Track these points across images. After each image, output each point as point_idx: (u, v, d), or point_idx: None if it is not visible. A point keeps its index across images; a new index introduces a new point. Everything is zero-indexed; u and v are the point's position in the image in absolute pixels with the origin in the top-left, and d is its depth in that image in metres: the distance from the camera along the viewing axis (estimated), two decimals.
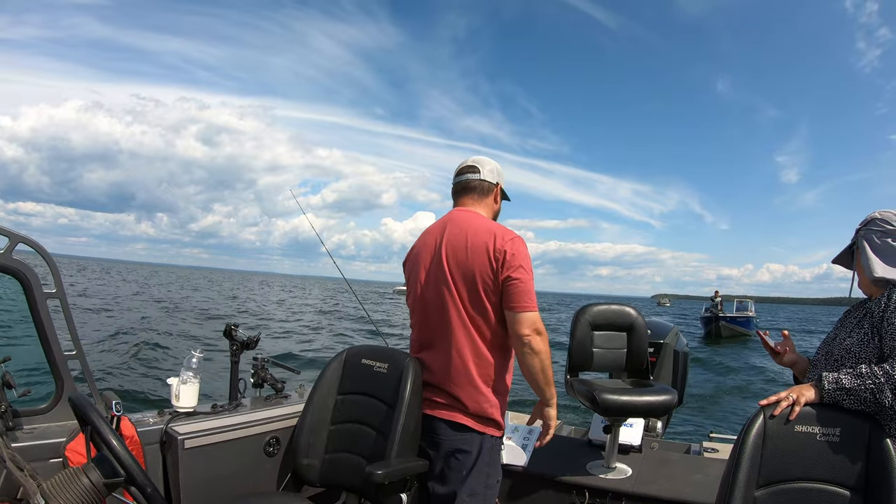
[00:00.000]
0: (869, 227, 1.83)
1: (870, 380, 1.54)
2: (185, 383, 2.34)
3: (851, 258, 1.91)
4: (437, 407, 2.07)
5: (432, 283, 2.08)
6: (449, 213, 2.21)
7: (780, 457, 1.57)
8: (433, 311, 2.09)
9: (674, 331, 3.91)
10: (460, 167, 2.25)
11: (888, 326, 1.59)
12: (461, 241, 2.04)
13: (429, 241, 2.14)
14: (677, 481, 2.80)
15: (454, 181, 2.25)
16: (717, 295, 27.59)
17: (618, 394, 2.78)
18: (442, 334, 2.07)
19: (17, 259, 1.92)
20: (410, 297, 2.21)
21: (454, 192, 2.24)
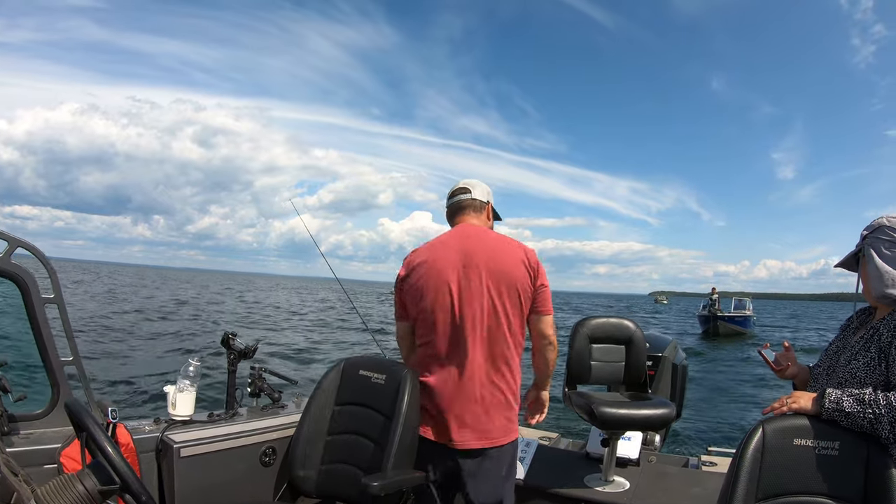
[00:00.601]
0: (876, 234, 1.73)
1: (870, 409, 1.52)
2: (182, 391, 2.33)
3: (856, 263, 1.83)
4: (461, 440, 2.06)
5: (468, 297, 2.06)
6: (457, 228, 2.22)
7: (778, 470, 1.56)
8: (469, 325, 2.06)
9: (672, 344, 3.91)
10: (452, 190, 2.31)
11: (889, 350, 1.57)
12: (493, 254, 2.10)
13: (450, 255, 2.10)
14: (675, 495, 2.79)
15: (448, 203, 2.30)
16: (714, 292, 27.68)
17: (616, 407, 2.77)
18: (475, 348, 2.07)
19: (15, 263, 1.92)
20: (435, 313, 2.07)
21: (450, 213, 2.30)
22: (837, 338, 1.88)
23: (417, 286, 2.11)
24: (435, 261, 2.11)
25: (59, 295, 2.03)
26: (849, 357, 1.70)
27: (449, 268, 2.09)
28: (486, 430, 2.06)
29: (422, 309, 2.11)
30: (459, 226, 2.23)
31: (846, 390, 1.60)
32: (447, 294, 2.08)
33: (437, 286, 2.08)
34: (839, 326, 1.94)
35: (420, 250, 2.17)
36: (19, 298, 1.96)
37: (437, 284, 2.09)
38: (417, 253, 2.17)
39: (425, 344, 2.14)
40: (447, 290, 2.08)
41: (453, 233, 2.21)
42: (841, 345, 1.82)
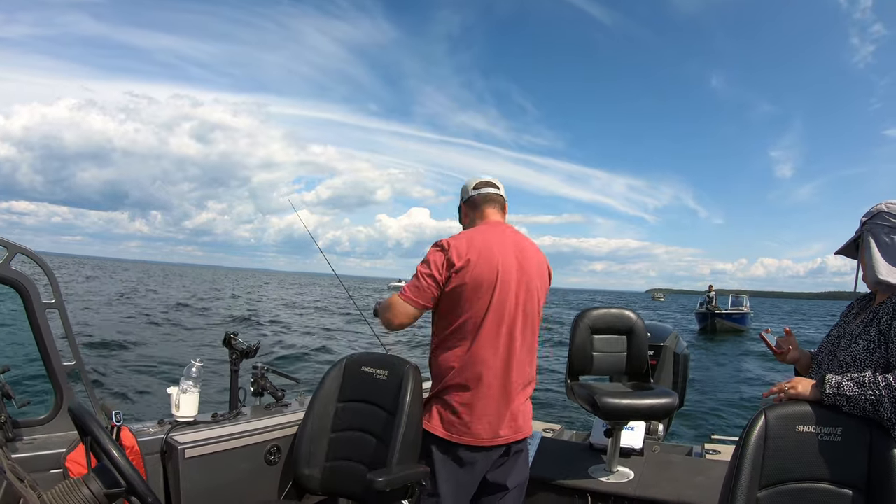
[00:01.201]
0: (875, 220, 1.74)
1: (871, 390, 1.52)
2: (185, 392, 2.33)
3: (856, 250, 1.84)
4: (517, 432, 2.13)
5: (519, 302, 2.10)
6: (506, 227, 2.22)
7: (782, 457, 1.57)
8: (518, 328, 2.09)
9: (674, 334, 3.92)
10: (482, 181, 2.28)
11: (889, 334, 1.58)
12: (534, 260, 2.18)
13: (509, 257, 2.09)
14: (679, 484, 2.80)
15: (478, 192, 2.25)
16: (712, 289, 27.78)
17: (619, 397, 2.78)
18: (520, 355, 2.11)
19: (15, 270, 1.92)
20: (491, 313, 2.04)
21: (477, 202, 2.25)
22: (838, 323, 1.89)
23: (477, 281, 2.03)
24: (496, 259, 2.06)
25: (59, 300, 2.03)
26: (849, 341, 1.71)
27: (511, 269, 2.08)
28: (527, 421, 2.18)
29: (479, 305, 2.04)
30: (506, 226, 2.24)
31: (846, 375, 1.61)
32: (509, 294, 2.07)
33: (504, 285, 2.06)
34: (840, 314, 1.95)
35: (474, 243, 2.07)
36: (20, 305, 1.96)
37: (503, 283, 2.06)
38: (471, 244, 2.06)
39: (468, 340, 2.05)
40: (509, 290, 2.07)
41: (506, 232, 2.18)
42: (842, 329, 1.83)
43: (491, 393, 2.05)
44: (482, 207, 2.25)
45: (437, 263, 2.03)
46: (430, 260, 2.05)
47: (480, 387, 2.04)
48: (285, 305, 32.47)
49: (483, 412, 2.04)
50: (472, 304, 2.03)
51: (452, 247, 2.04)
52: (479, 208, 2.25)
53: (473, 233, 2.13)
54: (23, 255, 1.93)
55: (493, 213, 2.25)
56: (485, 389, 2.04)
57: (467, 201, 2.28)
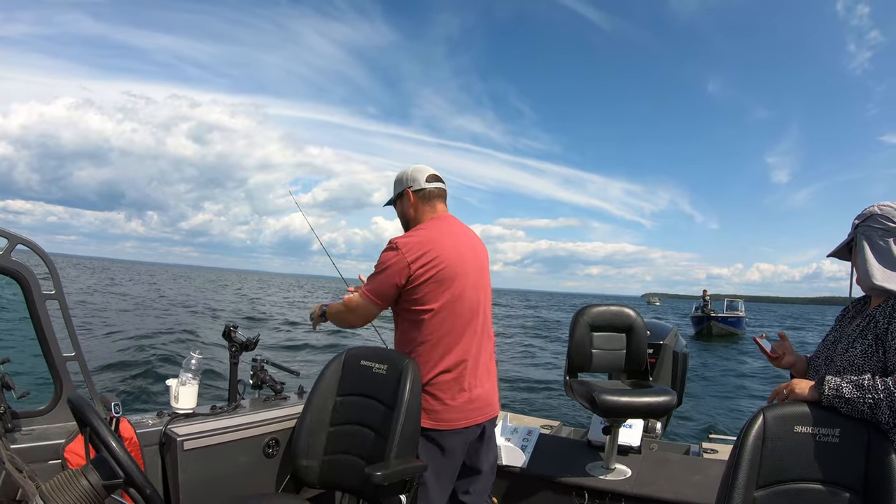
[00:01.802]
0: (868, 223, 1.72)
1: (870, 394, 1.52)
2: (184, 385, 2.34)
3: (849, 252, 1.83)
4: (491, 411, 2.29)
5: (479, 291, 2.26)
6: (452, 218, 2.33)
7: (779, 457, 1.57)
8: (479, 318, 2.25)
9: (673, 332, 3.92)
10: (432, 174, 2.34)
11: (892, 340, 1.57)
12: (483, 251, 2.36)
13: (464, 249, 2.22)
14: (677, 482, 2.80)
15: (431, 187, 2.31)
16: (706, 294, 27.91)
17: (617, 395, 2.78)
18: (482, 340, 2.28)
19: (16, 260, 1.92)
20: (459, 306, 2.17)
21: (431, 196, 2.31)
22: (834, 328, 1.88)
23: (441, 276, 2.13)
24: (454, 252, 2.17)
25: (59, 291, 2.03)
26: (846, 345, 1.70)
27: (468, 260, 2.22)
28: (497, 401, 2.34)
29: (448, 298, 2.15)
30: (453, 218, 2.34)
31: (845, 377, 1.60)
32: (470, 285, 2.21)
33: (464, 277, 2.19)
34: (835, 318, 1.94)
35: (431, 240, 2.16)
36: (21, 295, 1.96)
37: (463, 275, 2.18)
38: (427, 241, 2.15)
39: (447, 333, 2.16)
40: (470, 281, 2.21)
41: (457, 225, 2.31)
42: (838, 334, 1.82)
43: (465, 378, 2.18)
44: (434, 202, 2.32)
45: (399, 265, 2.11)
46: (388, 262, 2.13)
47: (457, 373, 2.17)
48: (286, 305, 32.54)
49: (461, 397, 2.17)
50: (439, 298, 2.13)
51: (410, 246, 2.12)
52: (430, 202, 2.31)
53: (433, 229, 2.22)
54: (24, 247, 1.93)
55: (443, 207, 2.35)
56: (460, 375, 2.17)
57: (419, 192, 2.30)
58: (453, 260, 2.15)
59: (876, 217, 1.70)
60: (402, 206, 2.35)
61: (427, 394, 2.15)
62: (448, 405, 2.15)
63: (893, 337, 1.57)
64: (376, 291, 2.16)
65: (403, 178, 2.33)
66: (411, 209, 2.31)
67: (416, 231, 2.23)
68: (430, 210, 2.31)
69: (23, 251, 1.93)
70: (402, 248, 2.12)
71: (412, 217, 2.32)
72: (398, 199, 2.36)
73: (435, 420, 2.15)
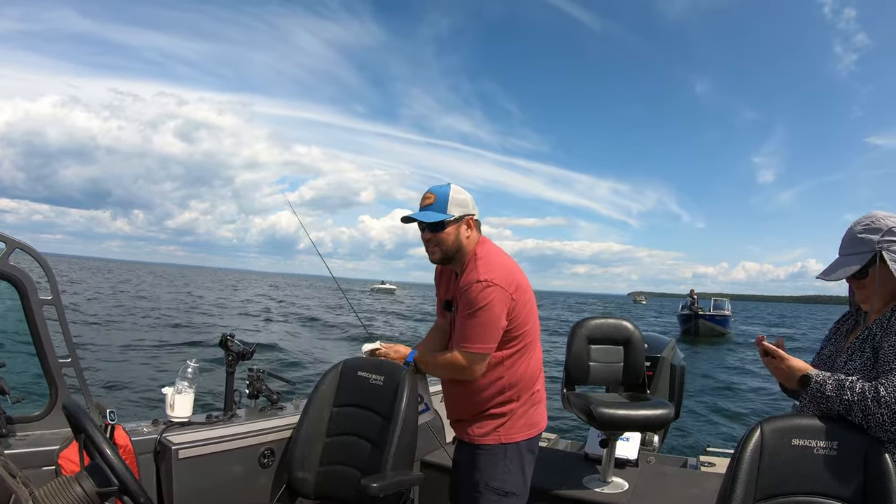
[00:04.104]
0: (888, 237, 1.65)
1: (846, 394, 1.55)
2: (180, 393, 2.32)
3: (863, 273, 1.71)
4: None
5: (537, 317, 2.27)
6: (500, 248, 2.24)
7: (777, 470, 1.57)
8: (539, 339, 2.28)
9: (671, 345, 3.92)
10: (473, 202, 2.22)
11: (884, 347, 1.58)
12: None
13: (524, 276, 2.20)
14: (674, 496, 2.79)
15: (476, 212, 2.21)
16: (693, 293, 28.03)
17: (614, 408, 2.78)
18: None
19: (13, 265, 1.92)
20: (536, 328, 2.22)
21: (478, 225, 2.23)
22: (829, 341, 1.88)
23: (529, 304, 2.16)
24: (524, 279, 2.18)
25: (56, 296, 2.02)
26: (845, 359, 1.71)
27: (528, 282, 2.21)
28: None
29: (532, 325, 2.18)
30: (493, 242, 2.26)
31: (836, 375, 1.62)
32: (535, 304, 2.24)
33: (533, 300, 2.21)
34: (829, 329, 1.93)
35: (514, 271, 2.13)
36: (17, 300, 1.96)
37: (533, 299, 2.20)
38: (515, 273, 2.12)
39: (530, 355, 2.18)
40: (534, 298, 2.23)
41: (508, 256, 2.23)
42: (834, 349, 1.82)
43: (542, 391, 2.26)
44: (479, 228, 2.23)
45: (502, 305, 2.03)
46: (494, 303, 2.02)
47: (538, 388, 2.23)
48: (278, 311, 32.58)
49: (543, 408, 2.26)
50: (526, 324, 2.13)
51: (506, 283, 2.05)
52: (479, 230, 2.23)
53: (497, 256, 2.16)
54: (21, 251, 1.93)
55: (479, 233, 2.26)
56: (540, 390, 2.24)
57: (477, 221, 2.21)
58: (528, 287, 2.18)
59: (894, 230, 1.65)
60: (458, 231, 2.14)
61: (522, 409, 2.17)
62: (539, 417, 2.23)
63: (885, 344, 1.58)
64: (484, 336, 2.04)
65: (469, 202, 2.17)
66: (466, 235, 2.15)
67: (488, 262, 2.10)
68: (477, 236, 2.21)
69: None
70: (502, 283, 2.03)
71: (465, 244, 2.16)
72: (456, 222, 2.13)
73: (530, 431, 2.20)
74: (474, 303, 2.01)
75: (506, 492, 2.09)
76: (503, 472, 2.10)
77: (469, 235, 2.16)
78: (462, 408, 2.22)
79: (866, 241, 1.69)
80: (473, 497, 2.13)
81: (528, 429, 2.16)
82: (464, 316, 2.05)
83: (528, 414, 2.17)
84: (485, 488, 2.10)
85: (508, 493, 2.10)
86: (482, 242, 2.20)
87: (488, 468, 2.11)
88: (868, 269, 1.69)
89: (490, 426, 2.14)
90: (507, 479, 2.10)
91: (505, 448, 2.12)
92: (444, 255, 2.16)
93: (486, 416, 2.15)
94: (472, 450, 2.16)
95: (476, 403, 2.16)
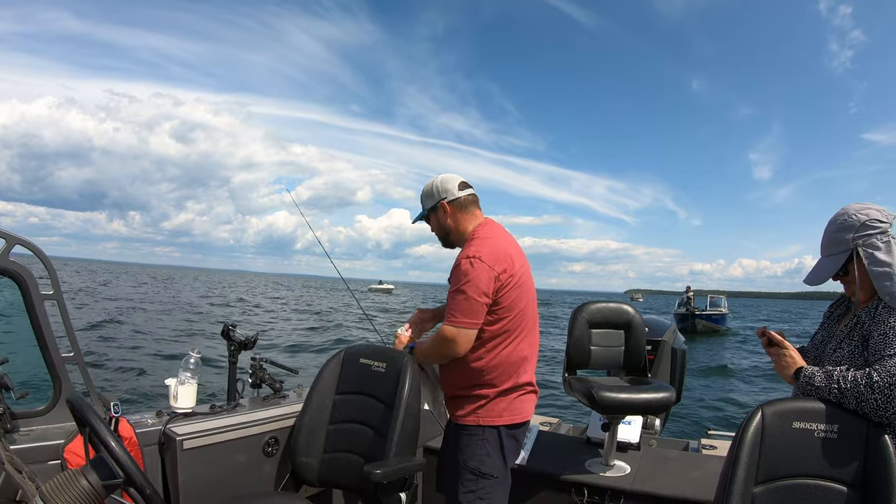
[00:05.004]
0: (861, 231, 1.69)
1: (835, 385, 1.57)
2: (183, 384, 2.33)
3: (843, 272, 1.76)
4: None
5: (534, 302, 2.28)
6: (496, 222, 2.30)
7: (778, 453, 1.58)
8: (535, 326, 2.29)
9: (672, 328, 3.92)
10: (462, 181, 2.29)
11: (873, 335, 1.61)
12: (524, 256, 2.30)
13: (523, 259, 2.23)
14: (676, 479, 2.81)
15: (468, 193, 2.28)
16: (689, 290, 28.01)
17: (616, 391, 2.78)
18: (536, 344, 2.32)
19: (14, 261, 1.91)
20: (527, 322, 2.20)
21: (471, 202, 2.28)
22: (822, 326, 1.91)
23: (520, 287, 2.16)
24: (523, 262, 2.22)
25: (58, 291, 2.02)
26: (835, 346, 1.74)
27: (525, 264, 2.24)
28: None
29: (521, 313, 2.17)
30: (498, 223, 2.30)
31: (825, 367, 1.66)
32: (533, 289, 2.26)
33: (530, 284, 2.24)
34: (823, 314, 1.95)
35: (508, 252, 2.15)
36: (19, 296, 1.96)
37: (529, 282, 2.23)
38: (509, 255, 2.14)
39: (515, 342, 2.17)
40: (532, 283, 2.26)
41: (502, 228, 2.28)
42: (826, 334, 1.85)
43: (531, 386, 2.25)
44: (471, 208, 2.27)
45: (486, 280, 2.05)
46: (478, 279, 2.04)
47: (524, 380, 2.21)
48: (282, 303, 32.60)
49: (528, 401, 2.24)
50: (512, 309, 2.13)
51: (493, 261, 2.07)
52: (468, 209, 2.27)
53: (494, 237, 2.19)
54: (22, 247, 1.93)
55: (480, 213, 2.31)
56: (527, 383, 2.22)
57: (454, 202, 2.25)
58: (522, 266, 2.19)
59: (866, 224, 1.69)
60: (438, 220, 2.28)
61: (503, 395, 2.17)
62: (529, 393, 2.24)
63: (874, 332, 1.61)
64: (467, 311, 2.06)
65: (433, 191, 2.27)
66: (450, 220, 2.26)
67: (482, 240, 2.16)
68: (470, 217, 2.26)
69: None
70: (488, 260, 2.06)
71: (453, 228, 2.26)
72: (432, 212, 2.29)
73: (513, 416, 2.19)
74: (460, 278, 2.06)
75: (483, 473, 2.12)
76: (481, 453, 2.13)
77: (451, 218, 2.25)
78: (446, 385, 2.29)
79: (842, 241, 1.73)
80: (452, 474, 2.18)
81: (511, 415, 2.16)
82: (452, 291, 2.10)
83: (511, 402, 2.18)
84: (463, 467, 2.14)
85: (486, 474, 2.12)
86: (484, 224, 2.25)
87: (467, 448, 2.15)
88: (848, 267, 1.73)
89: (469, 408, 2.17)
90: (484, 461, 2.13)
91: (483, 430, 2.15)
92: (441, 240, 2.34)
93: (466, 396, 2.18)
94: (456, 429, 2.22)
95: (458, 380, 2.20)
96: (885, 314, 1.61)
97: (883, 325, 1.59)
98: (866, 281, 1.69)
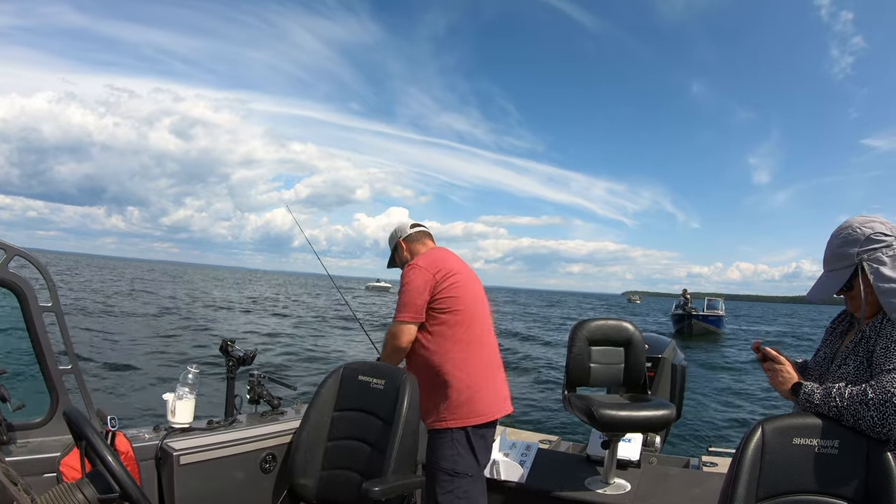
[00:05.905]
0: (867, 245, 1.63)
1: (834, 402, 1.56)
2: (181, 399, 2.32)
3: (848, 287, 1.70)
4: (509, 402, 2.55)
5: (483, 309, 2.56)
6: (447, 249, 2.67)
7: (779, 470, 1.56)
8: (489, 333, 2.54)
9: (671, 345, 3.91)
10: (414, 222, 2.72)
11: (877, 350, 1.58)
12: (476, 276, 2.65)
13: (465, 269, 2.55)
14: (676, 496, 2.79)
15: (419, 230, 2.69)
16: (686, 293, 28.03)
17: (616, 409, 2.77)
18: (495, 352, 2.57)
19: (13, 273, 1.92)
20: (475, 324, 2.46)
21: (424, 234, 2.69)
22: (825, 343, 1.87)
23: (460, 286, 2.44)
24: (466, 276, 2.51)
25: (56, 304, 2.02)
26: (840, 362, 1.71)
27: (475, 284, 2.55)
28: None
29: (464, 311, 2.43)
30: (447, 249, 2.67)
31: (824, 385, 1.63)
32: (479, 295, 2.55)
33: (475, 290, 2.53)
34: (825, 329, 1.93)
35: (445, 259, 2.50)
36: (17, 307, 1.96)
37: (473, 288, 2.52)
38: (446, 261, 2.49)
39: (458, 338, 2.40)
40: (480, 292, 2.56)
41: (451, 252, 2.64)
42: (829, 351, 1.82)
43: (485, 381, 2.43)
44: (423, 239, 2.68)
45: (422, 280, 2.39)
46: (415, 279, 2.40)
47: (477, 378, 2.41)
48: (278, 313, 32.57)
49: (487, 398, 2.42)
50: (453, 307, 2.41)
51: (428, 265, 2.43)
52: (420, 241, 2.67)
53: (434, 251, 2.59)
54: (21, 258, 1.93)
55: (433, 243, 2.71)
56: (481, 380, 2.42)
57: (407, 238, 2.66)
58: (464, 273, 2.50)
59: (871, 238, 1.63)
60: (399, 257, 2.68)
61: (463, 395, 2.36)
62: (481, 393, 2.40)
63: (878, 347, 1.58)
64: (410, 306, 2.38)
65: (393, 235, 2.71)
66: (406, 253, 2.64)
67: (422, 254, 2.55)
68: (421, 246, 2.65)
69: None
70: (423, 264, 2.43)
71: (409, 258, 2.59)
72: (395, 252, 2.71)
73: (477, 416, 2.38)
74: (401, 281, 2.45)
75: (457, 472, 2.32)
76: (452, 454, 2.33)
77: (407, 251, 2.64)
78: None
79: (846, 256, 1.68)
80: (430, 476, 2.38)
81: (476, 416, 2.36)
82: (398, 294, 2.45)
83: (472, 401, 2.36)
84: (437, 469, 2.34)
85: (460, 473, 2.32)
86: (433, 248, 2.65)
87: (439, 450, 2.35)
88: (853, 283, 1.68)
89: (435, 413, 2.37)
90: (457, 461, 2.33)
91: (452, 431, 2.34)
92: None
93: (432, 402, 2.37)
94: (431, 434, 2.42)
95: (423, 387, 2.31)
96: (890, 328, 1.57)
97: (886, 339, 1.57)
98: (872, 296, 1.64)
